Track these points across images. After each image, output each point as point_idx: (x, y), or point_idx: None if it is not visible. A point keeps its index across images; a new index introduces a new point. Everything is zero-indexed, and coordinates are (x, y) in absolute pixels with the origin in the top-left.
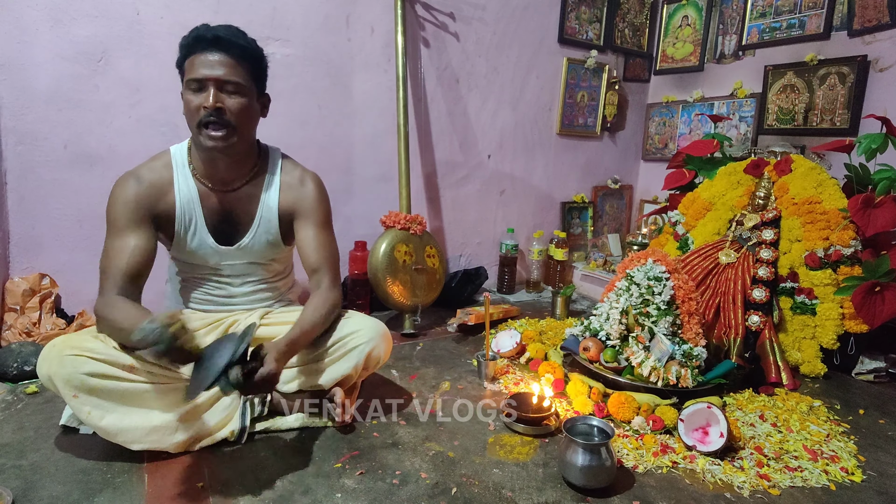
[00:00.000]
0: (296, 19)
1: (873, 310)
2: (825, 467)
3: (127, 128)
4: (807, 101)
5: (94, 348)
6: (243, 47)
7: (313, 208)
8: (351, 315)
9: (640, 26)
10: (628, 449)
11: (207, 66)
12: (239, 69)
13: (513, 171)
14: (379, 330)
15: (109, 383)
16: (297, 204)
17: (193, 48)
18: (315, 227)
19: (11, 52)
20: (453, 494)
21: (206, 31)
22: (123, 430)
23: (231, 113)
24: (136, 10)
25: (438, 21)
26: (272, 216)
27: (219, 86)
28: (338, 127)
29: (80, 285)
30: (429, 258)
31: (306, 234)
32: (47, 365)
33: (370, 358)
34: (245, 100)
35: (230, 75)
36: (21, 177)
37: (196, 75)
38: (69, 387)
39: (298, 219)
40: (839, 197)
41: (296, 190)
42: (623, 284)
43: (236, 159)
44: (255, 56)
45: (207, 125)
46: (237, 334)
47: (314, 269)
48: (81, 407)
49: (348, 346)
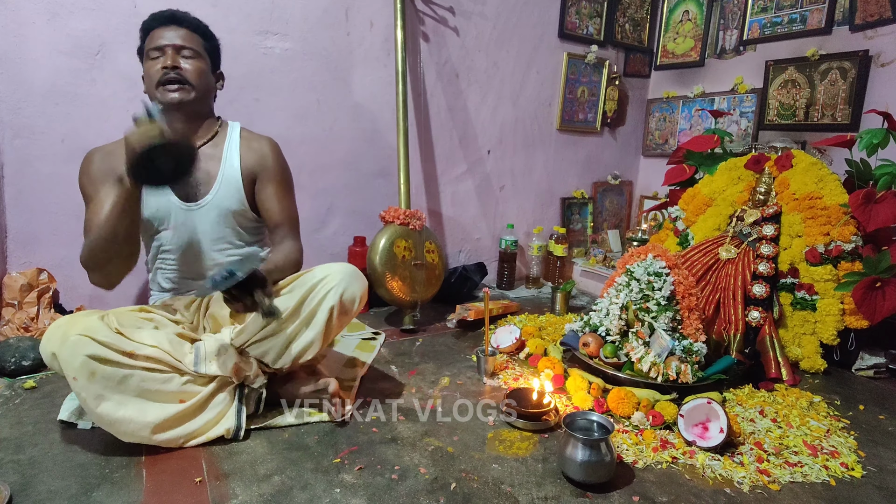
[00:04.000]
0: (294, 13)
1: (874, 305)
2: (825, 463)
3: (124, 122)
4: (808, 97)
5: (97, 328)
6: (196, 23)
7: (273, 168)
8: (318, 266)
9: (640, 21)
10: (628, 444)
11: (165, 37)
12: (195, 39)
13: (513, 167)
14: (347, 270)
15: (109, 368)
16: (259, 163)
17: (151, 25)
18: (275, 185)
19: (8, 46)
20: (452, 489)
21: (164, 11)
22: (118, 421)
23: (188, 71)
24: (134, 4)
25: (438, 15)
26: (234, 174)
27: (176, 50)
28: (337, 122)
29: (79, 280)
30: (428, 254)
31: (268, 194)
32: (51, 344)
33: (343, 300)
34: (201, 63)
35: (186, 41)
36: (18, 171)
37: (155, 44)
38: (70, 368)
39: (261, 179)
40: (840, 192)
41: (256, 152)
42: (623, 280)
43: (194, 121)
44: (208, 33)
45: (165, 83)
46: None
47: (277, 224)
48: (80, 391)
49: (320, 293)
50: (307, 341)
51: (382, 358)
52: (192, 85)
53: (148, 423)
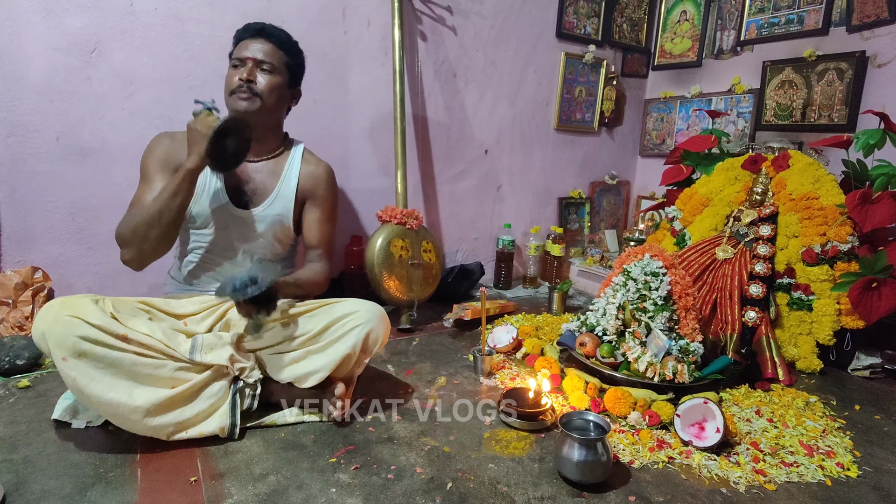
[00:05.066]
0: (291, 12)
1: (870, 306)
2: (821, 463)
3: (120, 120)
4: (805, 97)
5: (90, 312)
6: (283, 39)
7: (325, 196)
8: (346, 299)
9: (638, 21)
10: (624, 444)
11: (250, 49)
12: (276, 54)
13: (510, 167)
14: (376, 311)
15: (100, 350)
16: (313, 188)
17: (242, 36)
18: (322, 212)
19: (3, 43)
20: (448, 489)
21: (255, 23)
22: (106, 403)
23: (261, 86)
24: (130, 2)
25: (436, 14)
26: (290, 193)
27: (256, 64)
28: (334, 121)
29: (74, 279)
30: (425, 253)
31: (313, 218)
32: (43, 323)
33: (368, 340)
34: (276, 78)
35: (267, 56)
36: (13, 169)
37: (239, 55)
38: (61, 348)
39: (310, 202)
40: (837, 193)
41: (314, 177)
42: (620, 280)
43: (260, 133)
44: (293, 50)
45: (236, 91)
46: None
47: (313, 246)
48: (69, 372)
49: (346, 327)
50: (316, 366)
51: (379, 357)
52: (260, 97)
53: (138, 406)
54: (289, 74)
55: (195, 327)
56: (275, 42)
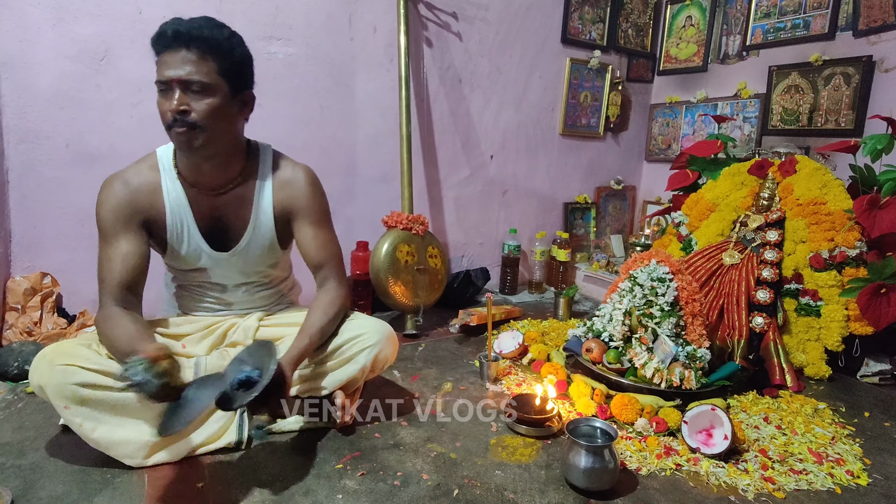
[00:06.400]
0: (298, 19)
1: (879, 311)
2: (830, 470)
3: (129, 127)
4: (811, 102)
5: (85, 357)
6: (207, 40)
7: (309, 206)
8: (355, 316)
9: (643, 26)
10: (631, 451)
11: (170, 65)
12: (204, 65)
13: (515, 172)
14: (385, 332)
15: (100, 393)
16: (292, 203)
17: (157, 46)
18: (313, 225)
19: (14, 51)
20: (455, 496)
21: (168, 26)
22: (115, 444)
23: (197, 114)
24: (139, 9)
25: (441, 21)
26: (267, 220)
27: (184, 86)
28: (340, 127)
29: (82, 284)
30: (431, 258)
31: (305, 234)
32: (38, 375)
33: (377, 360)
34: (213, 99)
35: (193, 74)
36: (23, 175)
37: (160, 77)
38: (60, 398)
39: (295, 218)
40: (844, 198)
41: (289, 188)
42: (626, 285)
43: (218, 161)
44: (224, 49)
45: (172, 127)
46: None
47: (318, 265)
48: (73, 418)
49: (354, 349)
50: (324, 384)
51: None
52: (202, 128)
53: (147, 441)
54: (228, 84)
55: (193, 349)
56: (200, 48)
